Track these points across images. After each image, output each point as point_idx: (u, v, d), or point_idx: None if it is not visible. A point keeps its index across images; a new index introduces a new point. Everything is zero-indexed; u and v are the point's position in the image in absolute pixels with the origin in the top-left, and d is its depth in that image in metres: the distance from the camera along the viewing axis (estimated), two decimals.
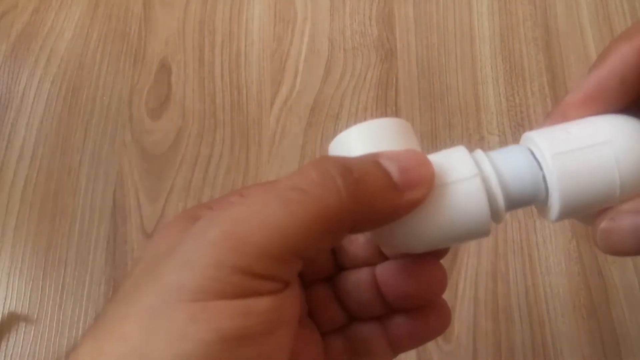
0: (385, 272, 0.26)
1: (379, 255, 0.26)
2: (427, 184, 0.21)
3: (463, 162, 0.22)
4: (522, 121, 0.52)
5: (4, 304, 0.49)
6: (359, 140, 0.23)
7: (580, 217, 0.25)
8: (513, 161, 0.23)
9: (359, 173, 0.20)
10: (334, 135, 0.52)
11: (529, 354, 0.45)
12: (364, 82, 0.55)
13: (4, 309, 0.49)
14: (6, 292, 0.50)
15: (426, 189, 0.21)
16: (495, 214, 0.23)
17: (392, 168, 0.21)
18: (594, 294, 0.47)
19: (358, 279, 0.26)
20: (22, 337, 0.48)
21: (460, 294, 0.47)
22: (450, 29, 0.57)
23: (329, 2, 0.59)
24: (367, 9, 0.59)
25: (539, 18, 0.57)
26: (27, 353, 0.48)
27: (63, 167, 0.54)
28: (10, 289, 0.50)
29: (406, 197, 0.21)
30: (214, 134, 0.54)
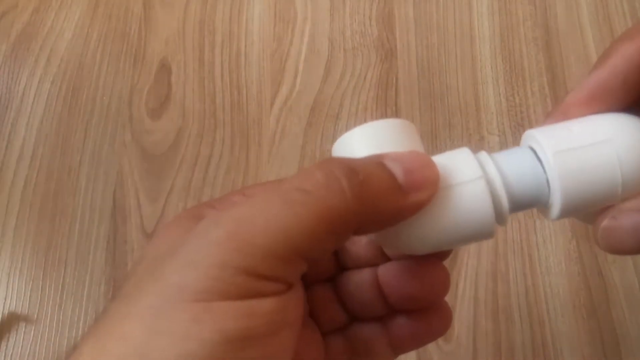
0: (387, 273, 0.26)
1: (381, 256, 0.26)
2: (431, 185, 0.21)
3: (467, 164, 0.22)
4: (522, 121, 0.52)
5: (4, 304, 0.49)
6: (362, 142, 0.23)
7: (581, 216, 0.25)
8: (517, 163, 0.23)
9: (363, 174, 0.20)
10: (334, 135, 0.52)
11: (529, 354, 0.45)
12: (364, 82, 0.55)
13: (4, 309, 0.49)
14: (6, 292, 0.50)
15: (431, 191, 0.21)
16: (499, 216, 0.23)
17: (397, 170, 0.21)
18: (594, 294, 0.47)
19: (360, 280, 0.26)
20: (22, 337, 0.48)
21: (460, 294, 0.47)
22: (450, 29, 0.57)
23: (329, 2, 0.59)
24: (367, 9, 0.58)
25: (539, 18, 0.57)
26: (27, 353, 0.48)
27: (63, 167, 0.54)
28: (10, 289, 0.50)
29: (411, 199, 0.21)
30: (214, 134, 0.54)
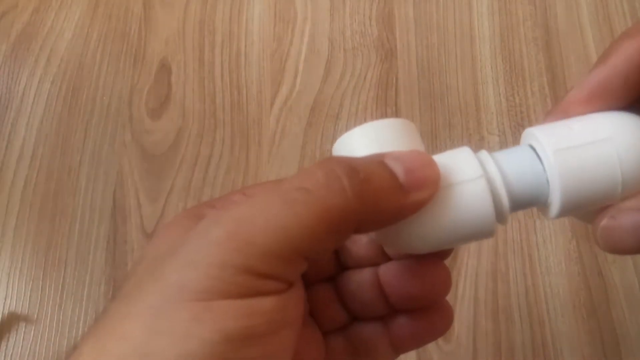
0: (388, 273, 0.26)
1: (382, 256, 0.26)
2: (432, 184, 0.21)
3: (468, 163, 0.22)
4: (522, 121, 0.52)
5: (4, 304, 0.49)
6: (363, 141, 0.23)
7: (580, 215, 0.25)
8: (518, 162, 0.23)
9: (364, 173, 0.20)
10: (334, 135, 0.52)
11: (529, 354, 0.45)
12: (364, 82, 0.55)
13: (4, 309, 0.49)
14: (6, 292, 0.49)
15: (432, 190, 0.21)
16: (500, 215, 0.22)
17: (398, 169, 0.21)
18: (594, 294, 0.47)
19: (361, 279, 0.26)
20: (22, 337, 0.48)
21: (460, 294, 0.47)
22: (450, 29, 0.57)
23: (329, 2, 0.59)
24: (367, 9, 0.58)
25: (539, 18, 0.57)
26: (27, 353, 0.48)
27: (63, 167, 0.54)
28: (10, 289, 0.50)
29: (412, 198, 0.21)
30: (214, 134, 0.54)
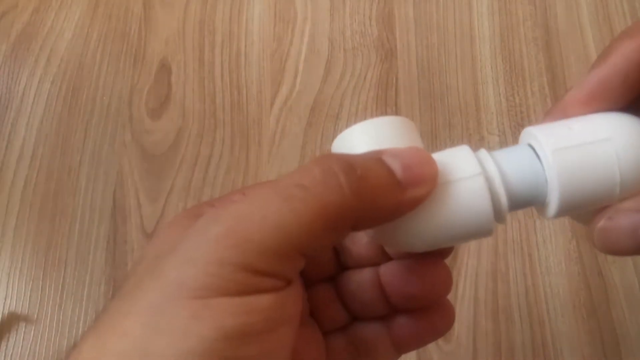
0: (389, 272, 0.26)
1: (382, 255, 0.26)
2: (430, 181, 0.21)
3: (466, 161, 0.22)
4: (522, 121, 0.52)
5: (4, 304, 0.49)
6: (362, 138, 0.23)
7: (577, 215, 0.25)
8: (517, 161, 0.23)
9: (362, 170, 0.20)
10: (334, 135, 0.52)
11: (529, 354, 0.45)
12: (364, 82, 0.55)
13: (4, 309, 0.49)
14: (6, 292, 0.50)
15: (429, 187, 0.21)
16: (498, 214, 0.22)
17: (396, 165, 0.21)
18: (594, 294, 0.47)
19: (361, 279, 0.26)
20: (22, 337, 0.48)
21: (460, 294, 0.47)
22: (450, 29, 0.57)
23: (329, 2, 0.59)
24: (367, 9, 0.59)
25: (539, 18, 0.57)
26: (27, 353, 0.48)
27: (63, 167, 0.54)
28: (10, 289, 0.50)
29: (409, 195, 0.21)
30: (214, 134, 0.54)
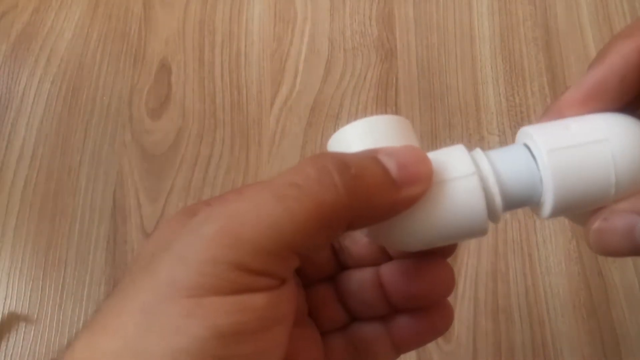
0: (389, 272, 0.26)
1: (383, 255, 0.26)
2: (425, 180, 0.21)
3: (461, 160, 0.22)
4: (522, 121, 0.52)
5: (4, 304, 0.49)
6: (357, 137, 0.23)
7: (573, 216, 0.25)
8: (512, 160, 0.23)
9: (356, 169, 0.20)
10: None
11: (529, 354, 0.45)
12: (364, 82, 0.55)
13: (4, 309, 0.49)
14: (6, 292, 0.50)
15: (424, 186, 0.21)
16: (492, 213, 0.22)
17: (391, 164, 0.21)
18: (594, 294, 0.46)
19: (362, 279, 0.26)
20: (22, 337, 0.48)
21: (460, 294, 0.47)
22: (450, 29, 0.57)
23: (329, 2, 0.59)
24: (367, 9, 0.58)
25: (539, 18, 0.56)
26: (27, 353, 0.48)
27: (63, 167, 0.54)
28: (10, 289, 0.50)
29: (404, 194, 0.21)
30: (214, 134, 0.54)
